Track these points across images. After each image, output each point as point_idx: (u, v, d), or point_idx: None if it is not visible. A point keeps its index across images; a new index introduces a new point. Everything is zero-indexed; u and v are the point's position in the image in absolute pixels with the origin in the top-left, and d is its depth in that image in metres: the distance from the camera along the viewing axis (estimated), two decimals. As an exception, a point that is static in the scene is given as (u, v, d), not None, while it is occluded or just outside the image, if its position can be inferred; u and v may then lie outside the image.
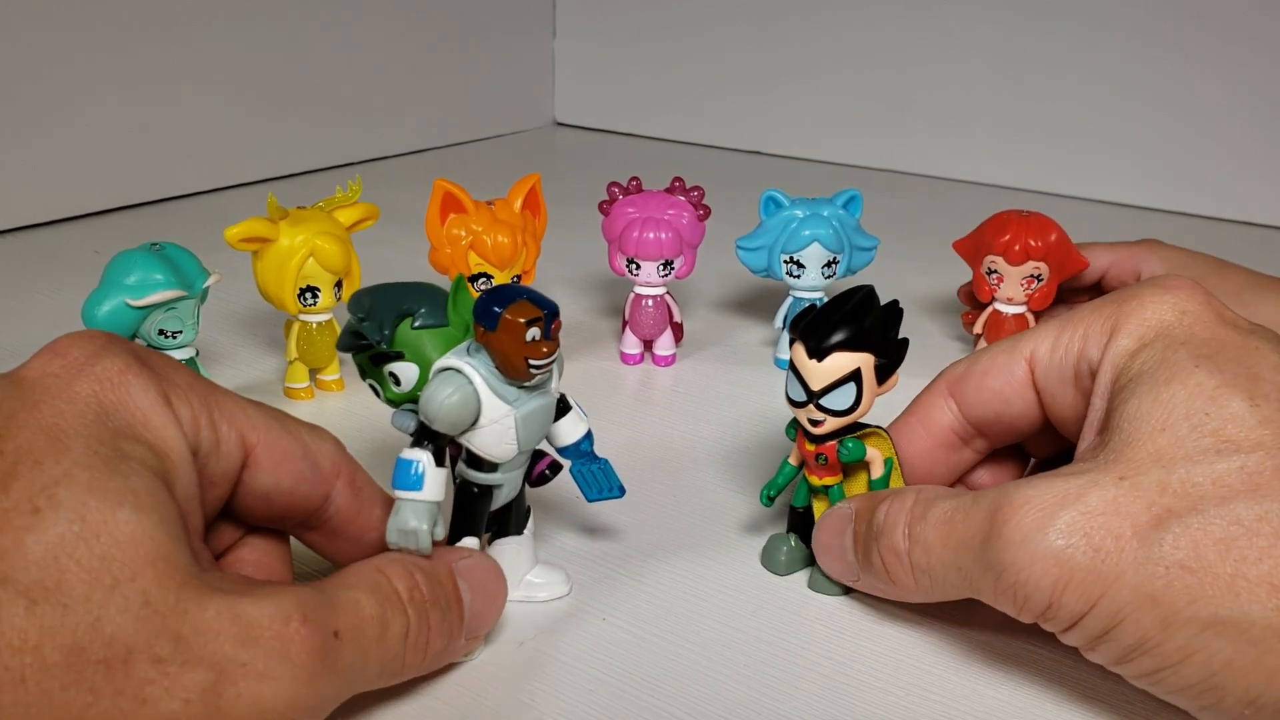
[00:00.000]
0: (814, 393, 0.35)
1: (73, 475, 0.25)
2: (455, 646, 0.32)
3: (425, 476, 0.31)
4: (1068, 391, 0.35)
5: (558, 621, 0.36)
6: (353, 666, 0.28)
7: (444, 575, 0.32)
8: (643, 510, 0.43)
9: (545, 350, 0.32)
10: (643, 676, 0.34)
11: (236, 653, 0.25)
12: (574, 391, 0.54)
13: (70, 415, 0.26)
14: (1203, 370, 0.30)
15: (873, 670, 0.34)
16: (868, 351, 0.35)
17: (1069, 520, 0.29)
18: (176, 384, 0.29)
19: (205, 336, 0.53)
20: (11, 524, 0.24)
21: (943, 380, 0.38)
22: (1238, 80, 0.88)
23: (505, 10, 1.12)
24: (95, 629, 0.24)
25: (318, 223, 0.50)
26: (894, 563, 0.34)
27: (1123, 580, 0.28)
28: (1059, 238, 0.53)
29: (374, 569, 0.30)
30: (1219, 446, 0.29)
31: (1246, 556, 0.27)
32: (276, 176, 0.94)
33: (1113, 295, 0.34)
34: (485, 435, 0.32)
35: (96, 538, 0.25)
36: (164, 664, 0.25)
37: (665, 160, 1.08)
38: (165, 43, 0.83)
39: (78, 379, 0.27)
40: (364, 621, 0.29)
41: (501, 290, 0.32)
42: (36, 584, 0.24)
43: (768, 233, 0.55)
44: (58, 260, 0.72)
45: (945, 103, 1.00)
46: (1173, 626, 0.28)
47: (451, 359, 0.32)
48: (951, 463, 0.39)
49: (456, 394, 0.31)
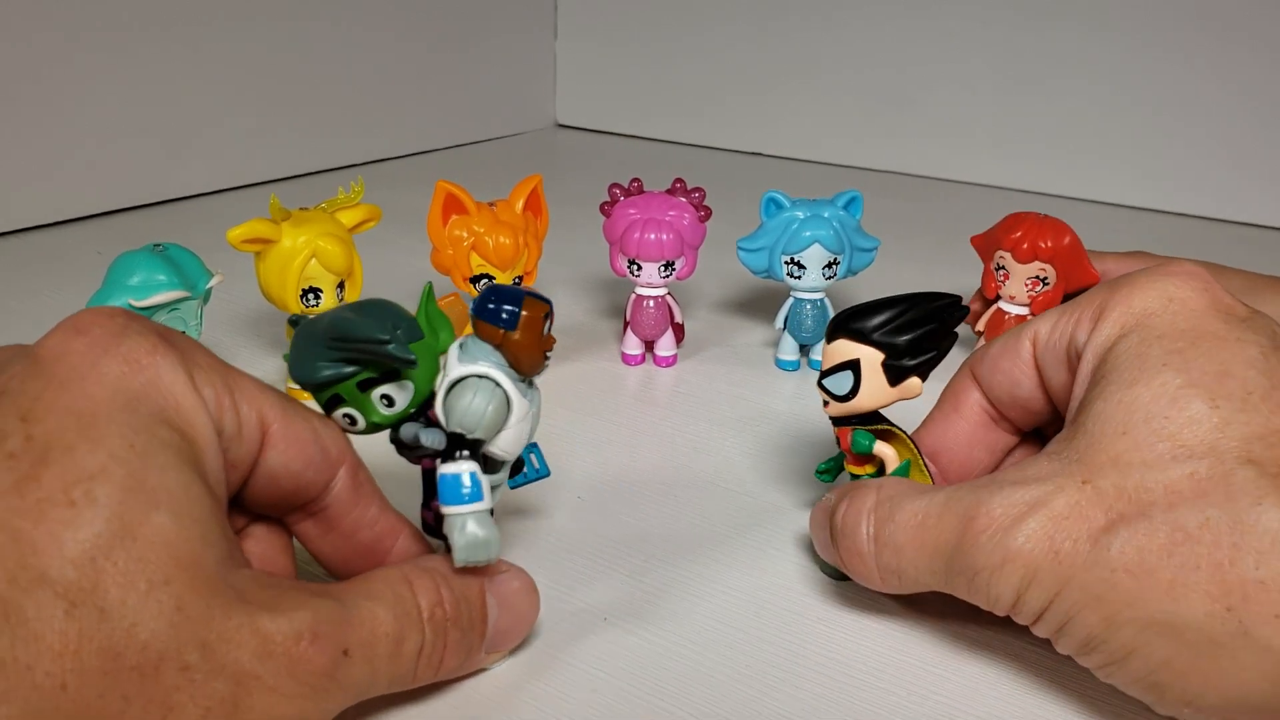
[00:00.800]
0: (822, 372, 0.36)
1: (109, 470, 0.25)
2: (473, 660, 0.32)
3: (482, 485, 0.31)
4: (1061, 373, 0.35)
5: (559, 621, 0.36)
6: (361, 681, 0.28)
7: (473, 593, 0.32)
8: (644, 510, 0.43)
9: (553, 341, 0.32)
10: (645, 676, 0.34)
11: (253, 666, 0.25)
12: (576, 392, 0.54)
13: (101, 400, 0.26)
14: (1170, 369, 0.31)
15: (875, 670, 0.35)
16: (870, 346, 0.35)
17: (1035, 525, 0.30)
18: (200, 364, 0.29)
19: (208, 337, 0.53)
20: (47, 516, 0.24)
21: (967, 365, 0.39)
22: (1238, 80, 0.88)
23: (507, 12, 1.13)
24: (131, 634, 0.24)
25: (320, 224, 0.50)
26: (857, 564, 0.34)
27: (1074, 581, 0.29)
28: (1071, 243, 0.53)
29: (402, 579, 0.30)
30: (1174, 452, 0.29)
31: (1186, 562, 0.28)
32: (279, 178, 0.94)
33: (1112, 279, 0.35)
34: (510, 435, 0.32)
35: (134, 540, 0.24)
36: (190, 672, 0.25)
37: (666, 161, 1.08)
38: (168, 44, 0.84)
39: (104, 359, 0.27)
40: (378, 639, 0.29)
41: (500, 292, 0.32)
42: (74, 585, 0.24)
43: (768, 234, 0.55)
44: (61, 261, 0.72)
45: (945, 104, 1.00)
46: (1115, 625, 0.29)
47: (470, 366, 0.31)
48: (990, 442, 0.39)
49: (493, 400, 0.31)
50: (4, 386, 0.26)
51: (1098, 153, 0.94)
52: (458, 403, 0.31)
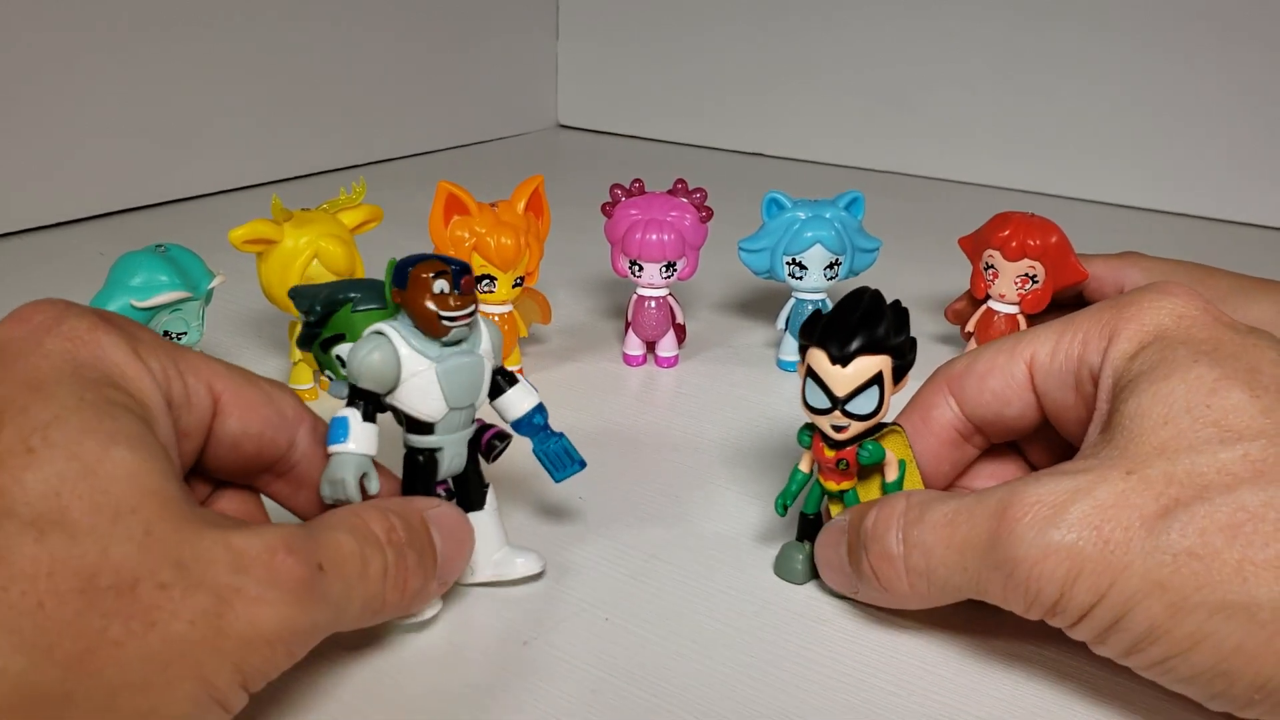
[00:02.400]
0: (838, 399, 0.35)
1: (63, 418, 0.26)
2: (430, 589, 0.34)
3: (350, 429, 0.33)
4: (1068, 395, 0.35)
5: (561, 622, 0.36)
6: (338, 598, 0.29)
7: (417, 521, 0.33)
8: (645, 511, 0.44)
9: (454, 303, 0.33)
10: (646, 676, 0.34)
11: (232, 579, 0.26)
12: (577, 392, 0.54)
13: (47, 369, 0.27)
14: (1202, 364, 0.31)
15: (876, 670, 0.35)
16: (887, 354, 0.35)
17: (1079, 514, 0.29)
18: (143, 340, 0.30)
19: (210, 338, 0.54)
20: (7, 464, 0.25)
21: (942, 378, 0.38)
22: (1238, 80, 0.88)
23: (508, 13, 1.13)
24: (103, 557, 0.25)
25: (322, 224, 0.50)
26: (886, 568, 0.34)
27: (1131, 570, 0.28)
28: (1059, 241, 0.53)
29: (352, 513, 0.32)
30: (1222, 436, 0.29)
31: (1253, 541, 0.28)
32: (281, 178, 0.94)
33: (1111, 300, 0.35)
34: (410, 391, 0.34)
35: (94, 474, 0.25)
36: (168, 589, 0.25)
37: (668, 162, 1.08)
38: (170, 45, 0.84)
39: (46, 338, 0.28)
40: (345, 557, 0.30)
41: (412, 257, 0.34)
42: (41, 516, 0.25)
43: (770, 234, 0.55)
44: (63, 262, 0.72)
45: (946, 104, 1.00)
46: (1181, 612, 0.28)
47: (376, 325, 0.34)
48: (955, 459, 0.39)
49: (376, 351, 0.33)
50: None
51: (1098, 153, 0.94)
52: (350, 352, 0.34)
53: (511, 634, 0.36)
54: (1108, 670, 0.33)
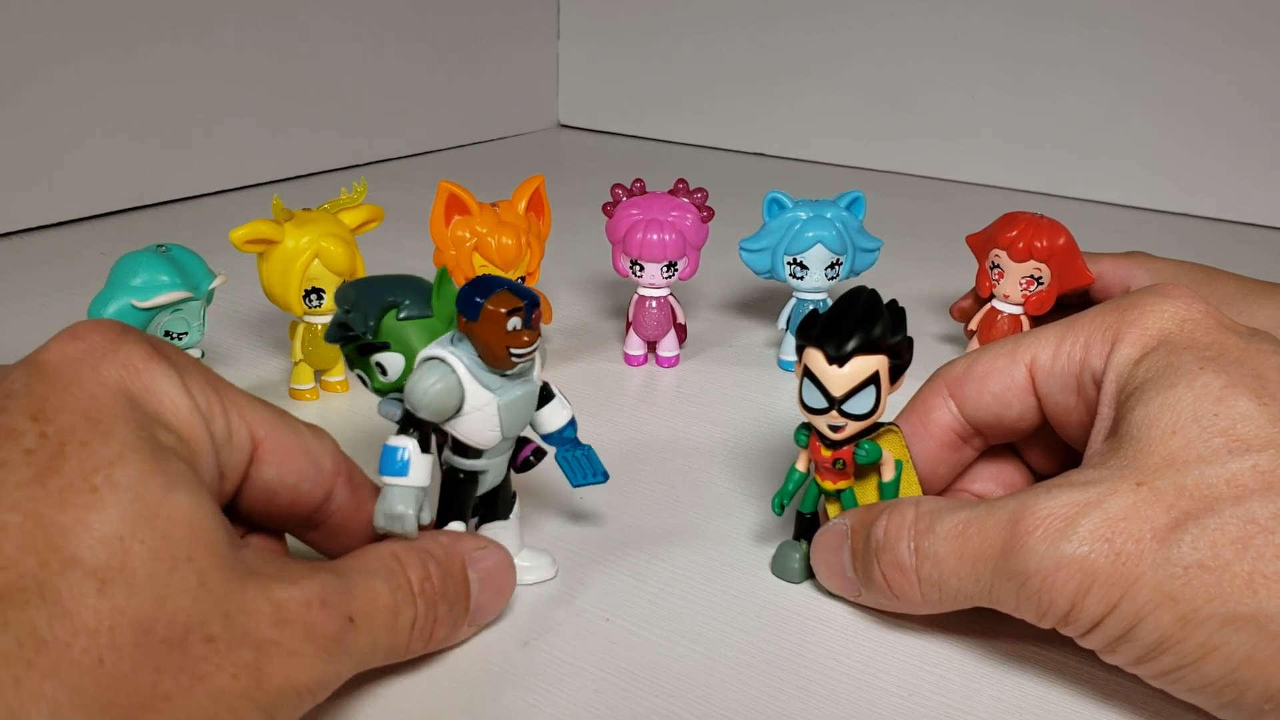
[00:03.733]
0: (835, 399, 0.35)
1: (125, 457, 0.26)
2: (457, 633, 0.34)
3: (411, 462, 0.32)
4: (1070, 399, 0.35)
5: (562, 622, 0.36)
6: (364, 650, 0.29)
7: (456, 568, 0.33)
8: (647, 511, 0.43)
9: (526, 339, 0.32)
10: (648, 677, 0.34)
11: (272, 633, 0.26)
12: (578, 392, 0.54)
13: (104, 400, 0.27)
14: (1208, 372, 0.31)
15: (878, 671, 0.35)
16: (884, 354, 0.35)
17: (1090, 527, 0.29)
18: (191, 373, 0.30)
19: (211, 338, 0.54)
20: (71, 503, 0.25)
21: (941, 380, 0.38)
22: (1238, 80, 0.88)
23: (509, 12, 1.13)
24: (159, 608, 0.25)
25: (323, 224, 0.50)
26: (898, 578, 0.34)
27: (1143, 581, 0.29)
28: (1066, 244, 0.53)
29: (391, 556, 0.31)
30: (1230, 446, 0.29)
31: (1264, 554, 0.28)
32: (282, 178, 0.94)
33: (1112, 303, 0.35)
34: (469, 422, 0.33)
35: (157, 518, 0.25)
36: (215, 642, 0.25)
37: (669, 162, 1.08)
38: (170, 44, 0.84)
39: (102, 364, 0.28)
40: (378, 610, 0.30)
41: (482, 281, 0.33)
42: (104, 565, 0.24)
43: (771, 234, 0.55)
44: (64, 262, 0.72)
45: (947, 104, 1.00)
46: (1192, 624, 0.28)
47: (436, 349, 0.33)
48: (953, 461, 0.39)
49: (440, 382, 0.32)
50: (10, 391, 0.27)
51: (1098, 153, 0.94)
52: (411, 380, 0.32)
53: (511, 634, 0.36)
54: (1109, 671, 0.33)
